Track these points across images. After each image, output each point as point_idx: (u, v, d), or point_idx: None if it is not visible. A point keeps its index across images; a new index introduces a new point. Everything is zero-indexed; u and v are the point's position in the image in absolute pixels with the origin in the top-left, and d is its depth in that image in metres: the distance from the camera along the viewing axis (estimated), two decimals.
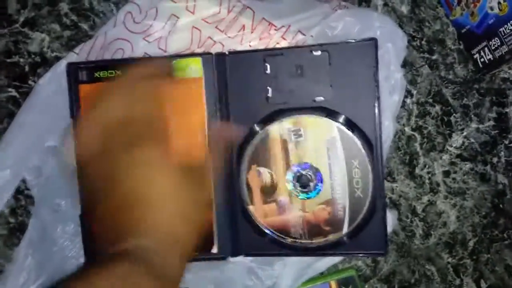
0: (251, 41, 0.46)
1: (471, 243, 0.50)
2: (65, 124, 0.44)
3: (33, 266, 0.46)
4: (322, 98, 0.43)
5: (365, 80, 0.42)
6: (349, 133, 0.42)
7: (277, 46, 0.45)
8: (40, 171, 0.47)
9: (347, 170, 0.43)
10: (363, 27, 0.46)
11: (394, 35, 0.47)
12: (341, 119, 0.42)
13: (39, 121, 0.46)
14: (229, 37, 0.46)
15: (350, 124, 0.42)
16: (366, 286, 0.49)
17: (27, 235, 0.47)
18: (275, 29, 0.45)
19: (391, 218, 0.45)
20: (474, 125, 0.51)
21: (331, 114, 0.42)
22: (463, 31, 0.51)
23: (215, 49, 0.45)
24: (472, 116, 0.51)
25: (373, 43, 0.42)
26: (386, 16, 0.48)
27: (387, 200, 0.49)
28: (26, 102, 0.46)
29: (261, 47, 0.45)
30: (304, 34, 0.46)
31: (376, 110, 0.42)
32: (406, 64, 0.50)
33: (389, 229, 0.44)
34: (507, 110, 0.51)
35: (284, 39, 0.45)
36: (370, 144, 0.42)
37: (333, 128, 0.42)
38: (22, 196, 0.49)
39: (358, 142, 0.42)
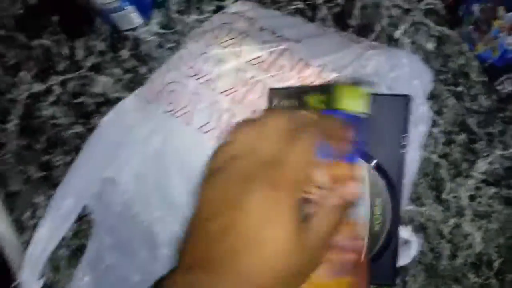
0: (290, 80, 0.50)
1: (496, 264, 0.53)
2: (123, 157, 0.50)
3: (90, 285, 0.49)
4: None
5: (396, 130, 0.46)
6: (377, 174, 0.46)
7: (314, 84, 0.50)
8: (100, 198, 0.51)
9: (370, 207, 0.47)
10: (392, 66, 0.50)
11: (421, 71, 0.51)
12: (373, 162, 0.47)
13: (100, 154, 0.51)
14: (271, 76, 0.50)
15: (378, 167, 0.46)
16: None
17: (86, 256, 0.50)
18: (310, 70, 0.50)
19: (417, 242, 0.48)
20: (498, 152, 0.54)
21: (364, 156, 0.46)
22: (485, 64, 0.55)
23: (258, 87, 0.50)
24: (497, 143, 0.54)
25: (406, 99, 0.46)
26: (413, 54, 0.52)
27: (416, 223, 0.53)
28: (90, 137, 0.51)
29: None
30: (338, 73, 0.50)
31: (403, 158, 0.46)
32: (433, 96, 0.54)
33: (415, 252, 0.48)
34: None
35: (321, 78, 0.50)
36: (393, 187, 0.46)
37: (364, 169, 0.47)
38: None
39: (383, 184, 0.46)
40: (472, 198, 0.54)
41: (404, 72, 0.51)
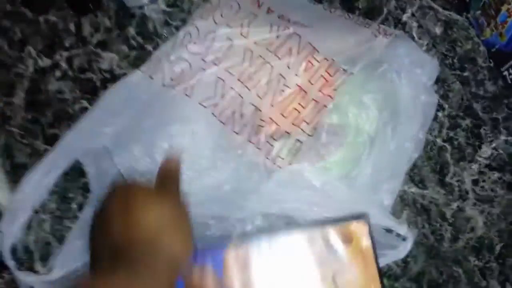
0: (297, 65, 0.50)
1: (497, 248, 0.53)
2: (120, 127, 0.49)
3: (82, 247, 0.48)
4: None
5: None
6: None
7: (321, 78, 0.50)
8: (97, 162, 0.51)
9: None
10: (400, 53, 0.50)
11: (423, 60, 0.51)
12: None
13: (98, 121, 0.50)
14: (278, 58, 0.50)
15: None
16: (397, 285, 0.53)
17: (80, 221, 0.50)
18: (318, 61, 0.50)
19: (412, 237, 0.48)
20: (503, 137, 0.55)
21: None
22: (493, 50, 0.55)
23: (265, 70, 0.50)
24: (501, 128, 0.55)
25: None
26: (414, 45, 0.51)
27: (418, 206, 0.53)
28: (93, 106, 0.50)
29: (306, 79, 0.49)
30: (345, 70, 0.49)
31: None
32: (438, 81, 0.54)
33: (410, 246, 0.48)
34: None
35: (328, 73, 0.50)
36: None
37: None
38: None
39: None
40: (475, 182, 0.54)
41: (410, 60, 0.50)
